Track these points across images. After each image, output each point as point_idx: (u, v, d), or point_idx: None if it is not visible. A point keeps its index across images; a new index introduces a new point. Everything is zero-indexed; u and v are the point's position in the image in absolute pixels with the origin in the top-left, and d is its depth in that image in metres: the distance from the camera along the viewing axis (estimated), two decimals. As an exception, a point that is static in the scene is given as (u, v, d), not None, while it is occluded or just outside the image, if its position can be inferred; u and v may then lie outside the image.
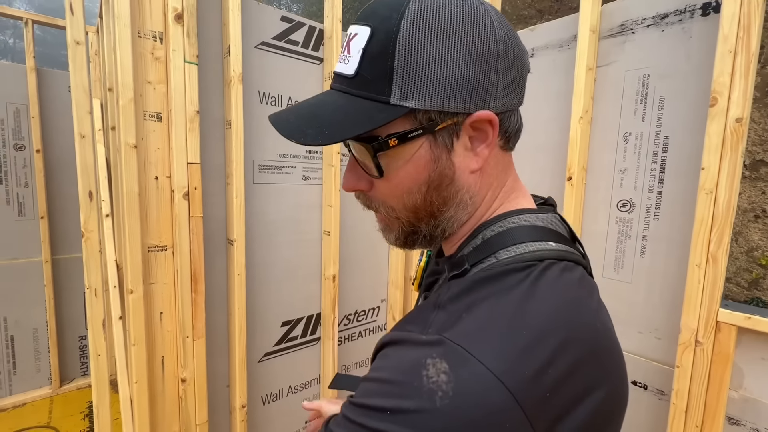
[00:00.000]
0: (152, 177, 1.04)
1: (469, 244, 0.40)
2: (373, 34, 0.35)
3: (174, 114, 1.03)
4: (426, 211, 0.40)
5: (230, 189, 1.18)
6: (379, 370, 0.32)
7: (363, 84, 0.35)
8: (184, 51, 1.03)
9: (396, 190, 0.39)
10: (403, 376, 0.29)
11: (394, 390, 0.29)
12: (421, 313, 0.35)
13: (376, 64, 0.34)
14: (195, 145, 1.06)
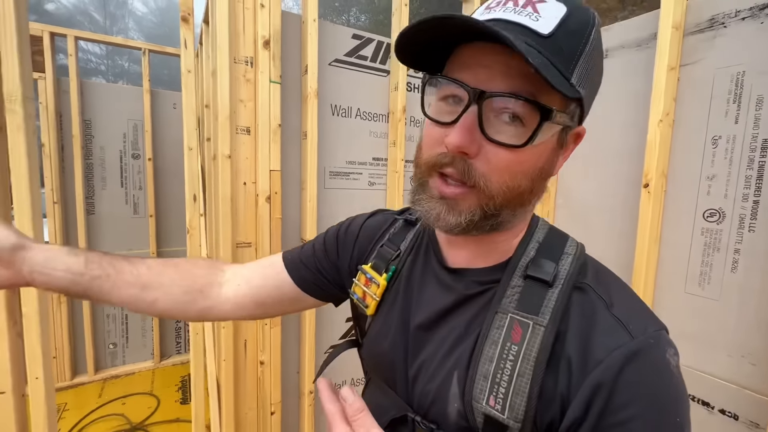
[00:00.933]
0: (241, 183, 1.19)
1: (530, 249, 0.43)
2: (571, 14, 0.35)
3: (260, 128, 1.18)
4: (520, 198, 0.39)
5: (304, 193, 1.31)
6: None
7: (555, 50, 0.35)
8: (270, 72, 1.17)
9: (514, 166, 0.37)
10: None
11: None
12: (605, 320, 0.37)
13: (571, 39, 0.35)
14: (276, 154, 1.20)
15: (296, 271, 0.60)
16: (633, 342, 0.35)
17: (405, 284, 0.50)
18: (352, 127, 1.43)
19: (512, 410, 0.36)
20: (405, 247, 0.53)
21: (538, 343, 0.37)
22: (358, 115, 1.44)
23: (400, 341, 0.48)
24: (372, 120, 1.47)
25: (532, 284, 0.40)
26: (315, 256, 0.61)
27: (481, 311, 0.42)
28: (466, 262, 0.45)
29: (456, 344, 0.42)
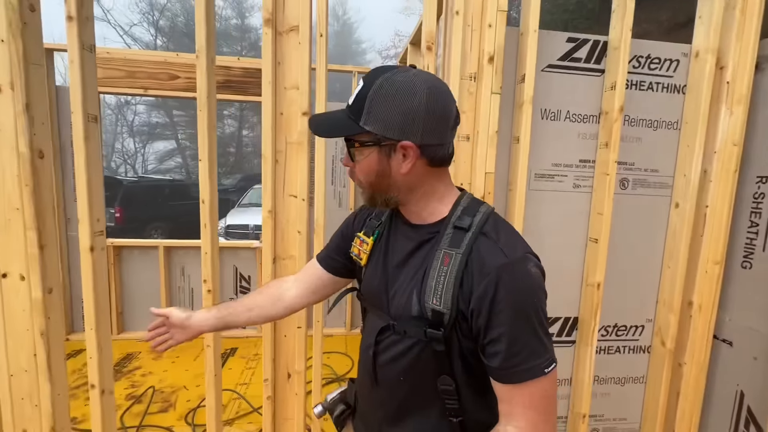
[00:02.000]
0: (459, 184, 1.37)
1: (458, 212, 0.69)
2: (363, 86, 0.65)
3: (479, 135, 1.32)
4: (377, 188, 0.70)
5: (512, 194, 1.40)
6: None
7: (352, 111, 0.67)
8: (492, 84, 1.30)
9: (361, 172, 0.70)
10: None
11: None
12: (493, 250, 0.65)
13: (359, 102, 0.65)
14: (492, 158, 1.33)
15: (327, 263, 0.93)
16: (507, 259, 0.63)
17: (385, 241, 0.79)
18: (560, 129, 1.44)
19: (444, 303, 0.64)
20: (385, 218, 0.82)
21: (457, 265, 0.64)
22: (567, 117, 1.44)
23: (383, 278, 0.76)
24: (581, 122, 1.45)
25: (457, 231, 0.67)
26: (338, 246, 0.91)
27: (431, 251, 0.69)
28: (418, 219, 0.74)
29: (415, 273, 0.70)
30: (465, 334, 0.65)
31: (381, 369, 0.75)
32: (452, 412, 0.70)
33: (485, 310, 0.61)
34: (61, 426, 1.26)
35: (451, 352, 0.67)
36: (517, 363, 0.61)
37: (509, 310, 0.61)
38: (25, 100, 1.09)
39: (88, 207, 1.19)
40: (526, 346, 0.61)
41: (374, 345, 0.75)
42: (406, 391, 0.73)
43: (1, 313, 1.16)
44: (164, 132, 17.24)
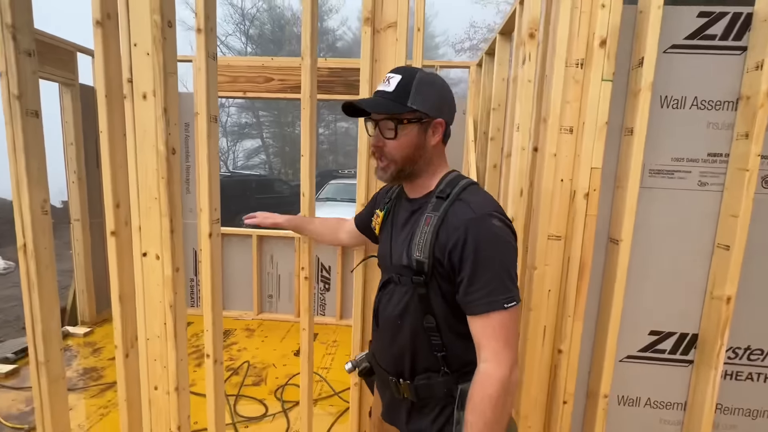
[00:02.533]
0: (559, 179, 1.27)
1: (442, 186, 0.87)
2: (404, 77, 0.84)
3: (585, 126, 1.21)
4: (409, 161, 0.86)
5: (621, 192, 1.26)
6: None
7: (395, 96, 0.84)
8: (603, 70, 1.18)
9: (400, 146, 0.85)
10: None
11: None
12: (463, 209, 0.82)
13: (404, 88, 0.83)
14: (599, 152, 1.21)
15: (359, 223, 1.21)
16: (474, 215, 0.80)
17: (392, 215, 1.01)
18: (684, 119, 1.26)
19: (423, 254, 0.82)
20: (393, 195, 1.03)
21: (434, 223, 0.82)
22: (694, 104, 1.26)
23: (389, 243, 0.97)
24: (712, 109, 1.25)
25: (439, 200, 0.85)
26: (366, 217, 1.15)
27: (419, 217, 0.87)
28: (415, 195, 0.93)
29: (407, 235, 0.89)
30: (443, 277, 0.82)
31: (382, 314, 0.96)
32: (436, 347, 0.87)
33: (456, 256, 0.79)
34: (183, 386, 1.45)
35: (430, 294, 0.84)
36: (481, 296, 0.77)
37: (475, 254, 0.77)
38: (164, 105, 1.27)
39: (208, 198, 1.34)
40: (489, 283, 0.77)
41: (378, 294, 0.98)
42: (402, 331, 0.91)
43: (142, 286, 1.37)
44: (251, 131, 18.90)
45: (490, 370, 0.76)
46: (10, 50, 1.30)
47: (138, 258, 1.36)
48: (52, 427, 1.54)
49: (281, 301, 3.39)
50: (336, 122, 19.67)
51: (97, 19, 1.29)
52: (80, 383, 2.30)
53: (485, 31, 16.09)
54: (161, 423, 1.43)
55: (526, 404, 1.38)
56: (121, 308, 1.44)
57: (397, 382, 0.93)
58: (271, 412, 2.11)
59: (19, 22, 1.31)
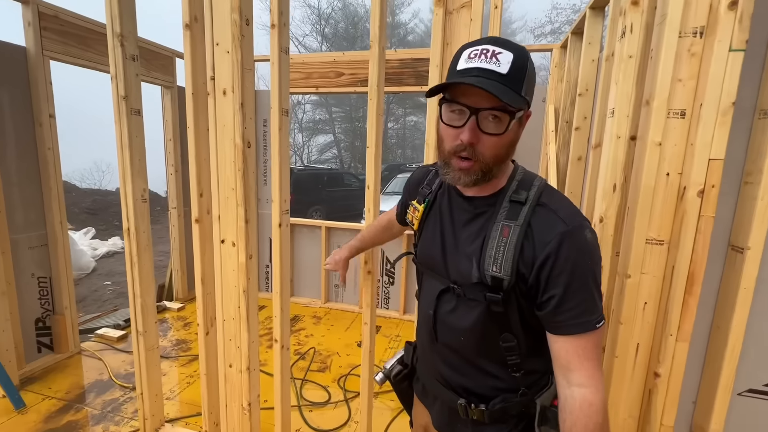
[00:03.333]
0: (664, 173, 1.07)
1: (513, 186, 0.78)
2: (515, 57, 0.68)
3: (704, 108, 1.00)
4: (502, 160, 0.74)
5: (750, 189, 1.02)
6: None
7: (511, 81, 0.68)
8: (732, 38, 0.96)
9: (499, 144, 0.71)
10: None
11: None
12: (552, 220, 0.72)
13: (518, 72, 0.68)
14: (723, 139, 0.99)
15: (399, 218, 1.11)
16: (567, 227, 0.70)
17: (440, 209, 0.87)
18: None
19: (505, 270, 0.72)
20: (435, 187, 0.90)
21: (516, 235, 0.72)
22: None
23: (439, 245, 0.84)
24: None
25: (514, 204, 0.75)
26: (403, 208, 1.03)
27: (486, 222, 0.78)
28: (475, 193, 0.81)
29: (472, 242, 0.78)
30: (523, 295, 0.74)
31: (441, 327, 0.84)
32: (513, 367, 0.79)
33: (545, 273, 0.69)
34: (254, 366, 1.54)
35: (508, 312, 0.75)
36: (573, 316, 0.69)
37: (568, 272, 0.69)
38: (241, 99, 1.33)
39: (279, 189, 1.39)
40: (582, 303, 0.69)
41: (434, 305, 0.84)
42: (471, 349, 0.81)
43: (220, 270, 1.47)
44: (324, 127, 19.77)
45: (590, 396, 0.68)
46: (119, 56, 1.47)
47: (217, 244, 1.46)
48: (148, 388, 1.75)
49: (347, 291, 3.47)
50: (405, 116, 19.68)
51: (186, 22, 1.39)
52: (173, 353, 2.59)
53: (569, 12, 14.75)
54: (234, 398, 1.54)
55: (613, 429, 1.20)
56: (203, 290, 1.57)
57: (466, 406, 0.84)
58: (334, 399, 2.16)
59: (126, 30, 1.47)
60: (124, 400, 2.09)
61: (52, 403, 2.03)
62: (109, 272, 5.37)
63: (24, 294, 2.27)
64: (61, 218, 2.37)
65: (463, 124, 0.70)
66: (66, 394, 2.12)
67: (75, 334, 2.51)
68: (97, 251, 6.00)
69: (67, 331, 2.44)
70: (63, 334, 2.43)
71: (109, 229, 7.64)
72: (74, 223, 7.49)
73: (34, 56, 2.18)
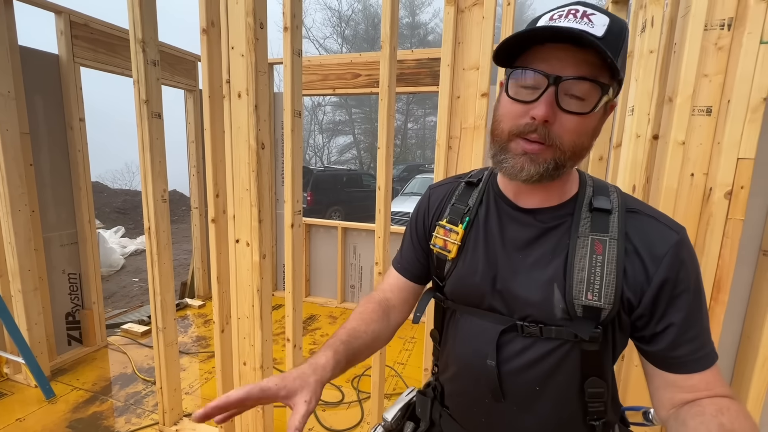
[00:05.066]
0: (688, 173, 1.02)
1: (588, 191, 0.62)
2: (613, 22, 0.52)
3: (732, 105, 0.94)
4: (582, 152, 0.56)
5: (784, 190, 0.96)
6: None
7: (608, 46, 0.49)
8: (763, 31, 0.90)
9: (580, 128, 0.54)
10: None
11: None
12: (657, 228, 0.58)
13: (615, 39, 0.51)
14: (753, 138, 0.93)
15: (408, 273, 0.77)
16: (678, 235, 0.56)
17: (484, 229, 0.66)
18: None
19: (606, 297, 0.56)
20: (473, 202, 0.69)
21: (616, 251, 0.56)
22: None
23: (488, 273, 0.64)
24: None
25: (598, 214, 0.59)
26: (415, 250, 0.76)
27: (563, 237, 0.60)
28: (539, 204, 0.62)
29: (547, 264, 0.60)
30: (623, 328, 0.59)
31: (510, 380, 0.62)
32: (595, 415, 0.62)
33: (666, 296, 0.55)
34: (267, 364, 1.56)
35: (604, 351, 0.59)
36: (698, 348, 0.55)
37: (691, 290, 0.55)
38: (255, 102, 1.35)
39: (291, 190, 1.40)
40: (704, 329, 0.56)
41: (496, 352, 0.62)
42: (543, 399, 0.61)
43: (235, 269, 1.50)
44: (344, 128, 19.94)
45: (747, 413, 0.53)
46: (140, 61, 1.52)
47: (232, 244, 1.49)
48: (167, 382, 1.81)
49: (363, 291, 3.48)
50: (425, 116, 19.59)
51: (203, 27, 1.43)
52: (193, 349, 2.67)
53: (595, 6, 14.27)
54: (248, 396, 1.57)
55: None
56: (219, 288, 1.61)
57: None
58: (347, 399, 2.17)
59: (147, 36, 1.52)
60: (146, 393, 2.17)
61: (79, 395, 2.13)
62: (137, 269, 5.58)
63: (55, 289, 2.38)
64: (90, 217, 2.48)
65: (537, 98, 0.52)
66: (93, 385, 2.21)
67: (102, 329, 2.62)
68: (126, 249, 6.25)
69: (95, 326, 2.55)
70: (91, 328, 2.54)
71: (138, 228, 7.96)
72: (105, 222, 7.84)
73: (66, 63, 2.29)
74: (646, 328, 0.57)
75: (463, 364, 0.68)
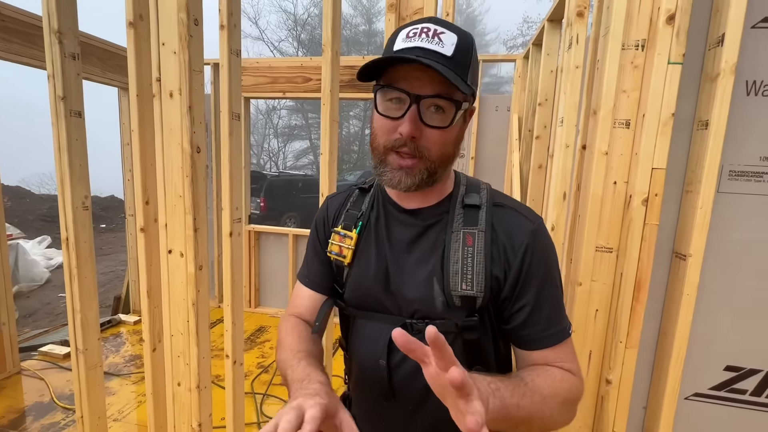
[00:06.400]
0: (611, 182, 1.09)
1: (461, 189, 0.68)
2: (460, 39, 0.57)
3: (647, 119, 1.02)
4: (449, 160, 0.63)
5: (691, 197, 1.05)
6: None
7: (456, 65, 0.56)
8: (670, 51, 0.99)
9: (444, 140, 0.59)
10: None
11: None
12: (517, 219, 0.65)
13: (463, 56, 0.57)
14: (664, 149, 1.02)
15: (318, 286, 0.75)
16: (533, 225, 0.63)
17: (374, 232, 0.69)
18: (778, 109, 1.02)
19: (477, 285, 0.61)
20: (365, 207, 0.72)
21: (483, 242, 0.62)
22: (793, 90, 1.01)
23: (381, 272, 0.66)
24: (819, 96, 1.00)
25: (469, 209, 0.65)
26: (320, 261, 0.75)
27: (440, 234, 0.65)
28: (419, 204, 0.67)
29: (427, 259, 0.64)
30: (494, 313, 0.64)
31: (400, 379, 0.65)
32: None
33: (520, 280, 0.61)
34: (204, 384, 1.45)
35: (483, 338, 0.64)
36: (548, 326, 0.61)
37: (542, 274, 0.61)
38: (189, 102, 1.26)
39: (230, 197, 1.33)
40: (556, 308, 0.63)
41: (387, 352, 0.64)
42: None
43: (167, 282, 1.38)
44: (300, 133, 19.59)
45: (577, 382, 0.61)
46: (56, 54, 1.37)
47: (164, 255, 1.38)
48: (89, 411, 1.62)
49: (315, 300, 3.39)
50: (381, 123, 19.75)
51: (130, 20, 1.32)
52: (125, 369, 2.44)
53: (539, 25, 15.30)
54: (183, 419, 1.44)
55: (567, 438, 1.20)
56: (149, 303, 1.47)
57: None
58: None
59: (65, 26, 1.37)
60: (66, 423, 1.94)
61: (-18, 430, 1.86)
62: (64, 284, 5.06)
63: (-45, 310, 2.08)
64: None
65: (402, 115, 0.57)
66: (0, 419, 1.94)
67: (14, 352, 2.32)
68: (51, 261, 5.64)
69: (4, 349, 2.25)
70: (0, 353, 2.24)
71: (67, 238, 7.22)
72: (28, 231, 7.03)
73: (-29, 53, 2.03)
74: (506, 310, 0.63)
75: (361, 368, 0.70)
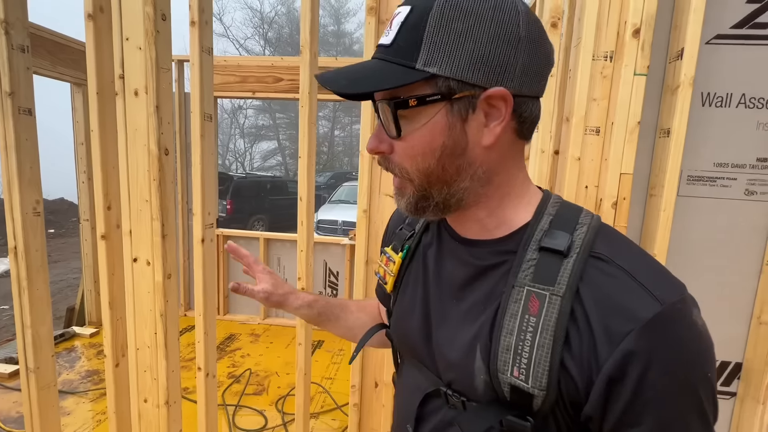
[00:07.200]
0: (583, 186, 1.14)
1: (542, 223, 0.44)
2: (412, 11, 0.39)
3: (615, 127, 1.08)
4: (438, 177, 0.43)
5: (655, 201, 1.12)
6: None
7: (396, 51, 0.40)
8: (636, 64, 1.05)
9: (411, 151, 0.43)
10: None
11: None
12: (628, 289, 0.38)
13: (410, 34, 0.39)
14: (631, 156, 1.08)
15: (378, 292, 0.69)
16: (658, 306, 0.36)
17: (422, 261, 0.54)
18: (729, 119, 1.11)
19: (535, 379, 0.38)
20: (419, 227, 0.57)
21: (556, 314, 0.38)
22: (742, 102, 1.10)
23: (423, 319, 0.52)
24: (763, 107, 1.10)
25: (547, 255, 0.41)
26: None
27: (499, 283, 0.44)
28: (477, 234, 0.48)
29: (477, 316, 0.45)
30: (568, 417, 0.40)
31: None
32: None
33: (623, 399, 0.36)
34: (173, 399, 1.37)
35: None
36: None
37: (668, 394, 0.36)
38: (156, 102, 1.19)
39: (201, 200, 1.26)
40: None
41: (415, 418, 0.50)
42: None
43: (132, 293, 1.30)
44: (268, 133, 19.15)
45: None
46: (2, 46, 1.25)
47: (128, 264, 1.29)
48: (42, 435, 1.49)
49: (288, 305, 3.32)
50: (352, 124, 19.73)
51: (89, 12, 1.23)
52: (81, 386, 2.27)
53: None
54: (150, 438, 1.36)
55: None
56: (112, 315, 1.38)
57: None
58: (271, 425, 2.02)
59: (12, 17, 1.26)
60: (14, 449, 1.77)
61: None
62: (7, 295, 4.63)
63: None
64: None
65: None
66: (-67, 449, 1.74)
67: (-50, 374, 2.10)
68: (-9, 270, 5.15)
69: (-61, 371, 2.02)
70: (-67, 375, 2.01)
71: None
72: (-38, 237, 6.38)
73: None
74: (582, 421, 0.40)
75: (395, 423, 0.58)
